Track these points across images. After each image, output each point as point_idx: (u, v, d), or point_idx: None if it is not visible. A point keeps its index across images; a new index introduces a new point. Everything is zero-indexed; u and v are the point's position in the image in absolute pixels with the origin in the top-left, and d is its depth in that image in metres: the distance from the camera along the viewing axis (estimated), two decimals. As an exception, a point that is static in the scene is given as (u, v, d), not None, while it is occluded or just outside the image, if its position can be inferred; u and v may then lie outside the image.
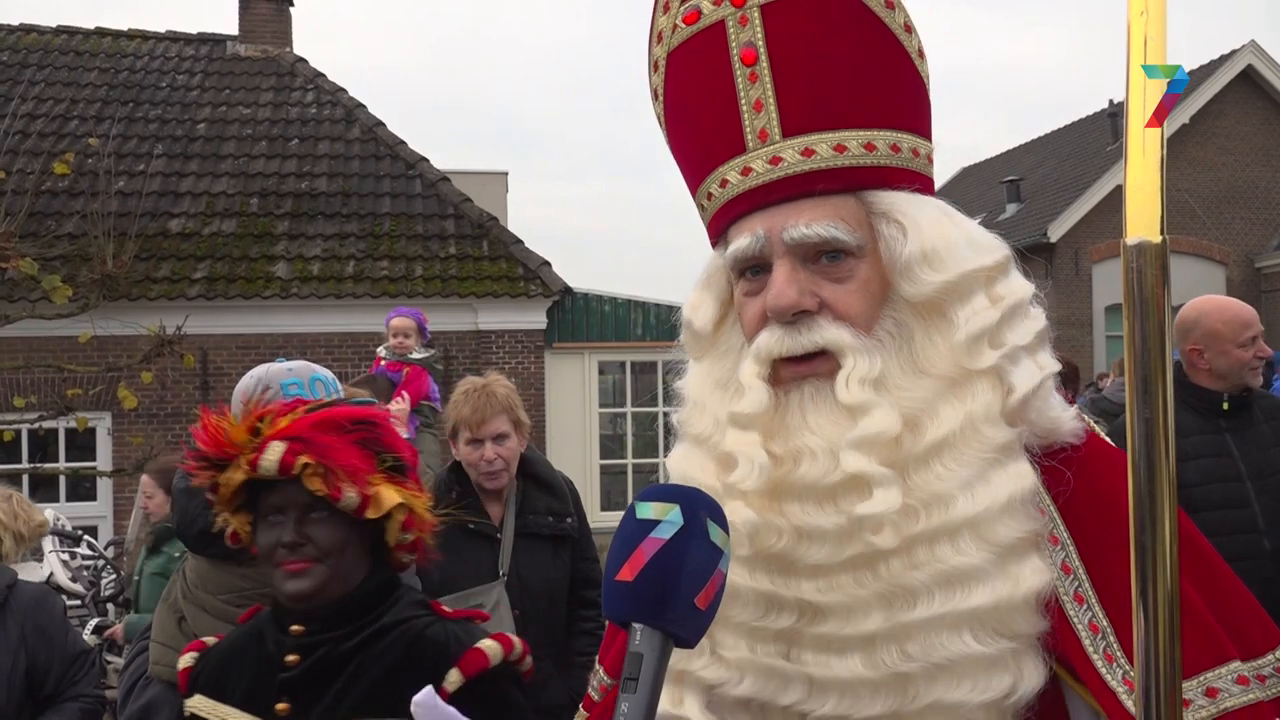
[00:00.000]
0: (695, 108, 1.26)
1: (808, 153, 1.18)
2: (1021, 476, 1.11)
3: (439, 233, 12.60)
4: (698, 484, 1.12)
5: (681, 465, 1.24)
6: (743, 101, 1.20)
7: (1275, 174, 22.59)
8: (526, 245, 12.64)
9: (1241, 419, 3.65)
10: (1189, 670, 1.03)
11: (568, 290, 12.65)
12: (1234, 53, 22.41)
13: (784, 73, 1.18)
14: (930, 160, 1.26)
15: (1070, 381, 13.06)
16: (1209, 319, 3.83)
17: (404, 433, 5.08)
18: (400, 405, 5.28)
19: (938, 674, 1.06)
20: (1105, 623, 1.08)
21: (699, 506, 0.93)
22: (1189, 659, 1.01)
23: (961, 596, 1.06)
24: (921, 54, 1.24)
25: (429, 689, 0.99)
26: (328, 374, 2.76)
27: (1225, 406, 3.68)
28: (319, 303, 11.71)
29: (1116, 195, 22.10)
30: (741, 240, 1.20)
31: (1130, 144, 0.79)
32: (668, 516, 0.92)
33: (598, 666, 1.41)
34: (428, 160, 13.47)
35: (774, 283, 1.17)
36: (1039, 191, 24.10)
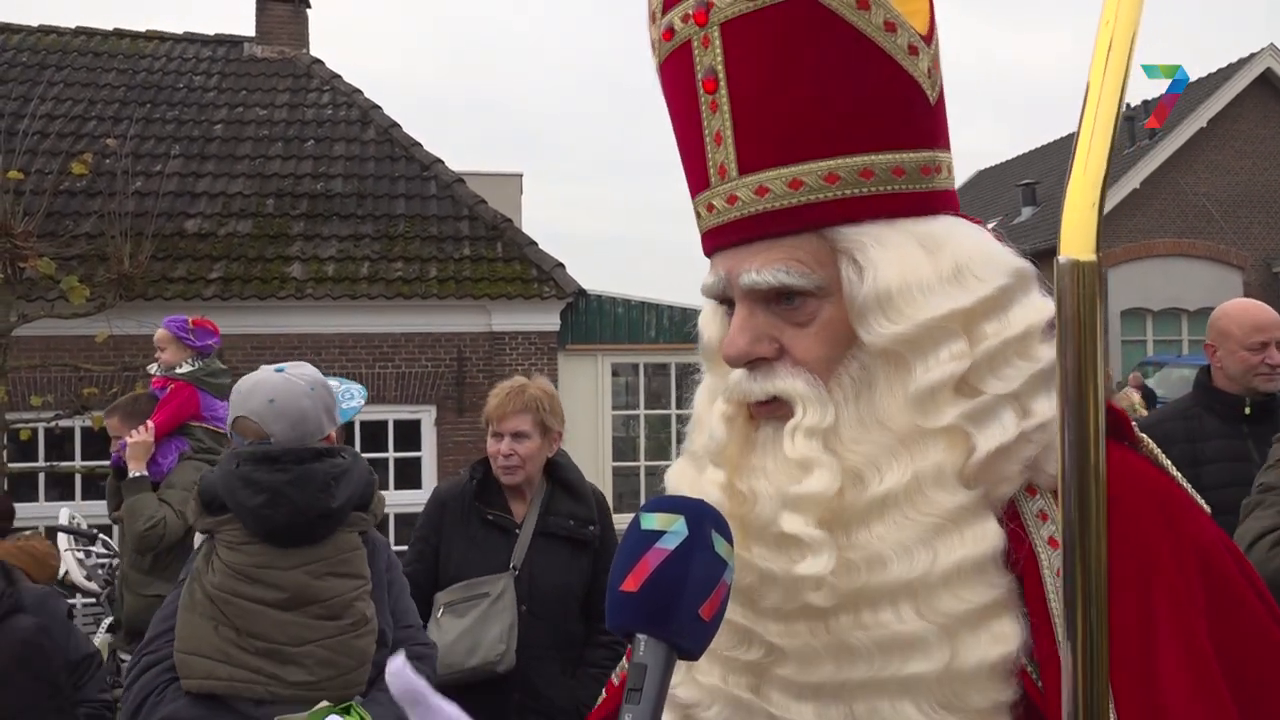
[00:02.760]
0: (678, 130, 1.20)
1: (761, 191, 1.09)
2: (978, 541, 1.03)
3: (453, 234, 12.63)
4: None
5: (677, 480, 1.22)
6: (706, 133, 1.13)
7: (1294, 178, 22.43)
8: (541, 247, 12.66)
9: (1265, 424, 3.62)
10: None
11: (581, 292, 12.66)
12: (1253, 56, 22.28)
13: (741, 102, 1.10)
14: (928, 171, 1.13)
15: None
16: (1225, 319, 3.80)
17: (136, 469, 4.79)
18: (139, 437, 4.85)
19: None
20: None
21: (704, 518, 0.93)
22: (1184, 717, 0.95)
23: (899, 664, 1.02)
24: (915, 50, 1.10)
25: (401, 656, 0.99)
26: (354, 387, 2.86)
27: (1248, 411, 3.66)
28: (334, 303, 11.75)
29: (1133, 199, 22.01)
30: (709, 278, 1.17)
31: (1075, 159, 0.77)
32: (672, 528, 0.91)
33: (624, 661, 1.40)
34: (443, 162, 13.50)
35: (730, 330, 1.13)
36: (1055, 195, 23.97)
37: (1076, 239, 0.76)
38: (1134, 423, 1.18)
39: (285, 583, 2.43)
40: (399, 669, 0.97)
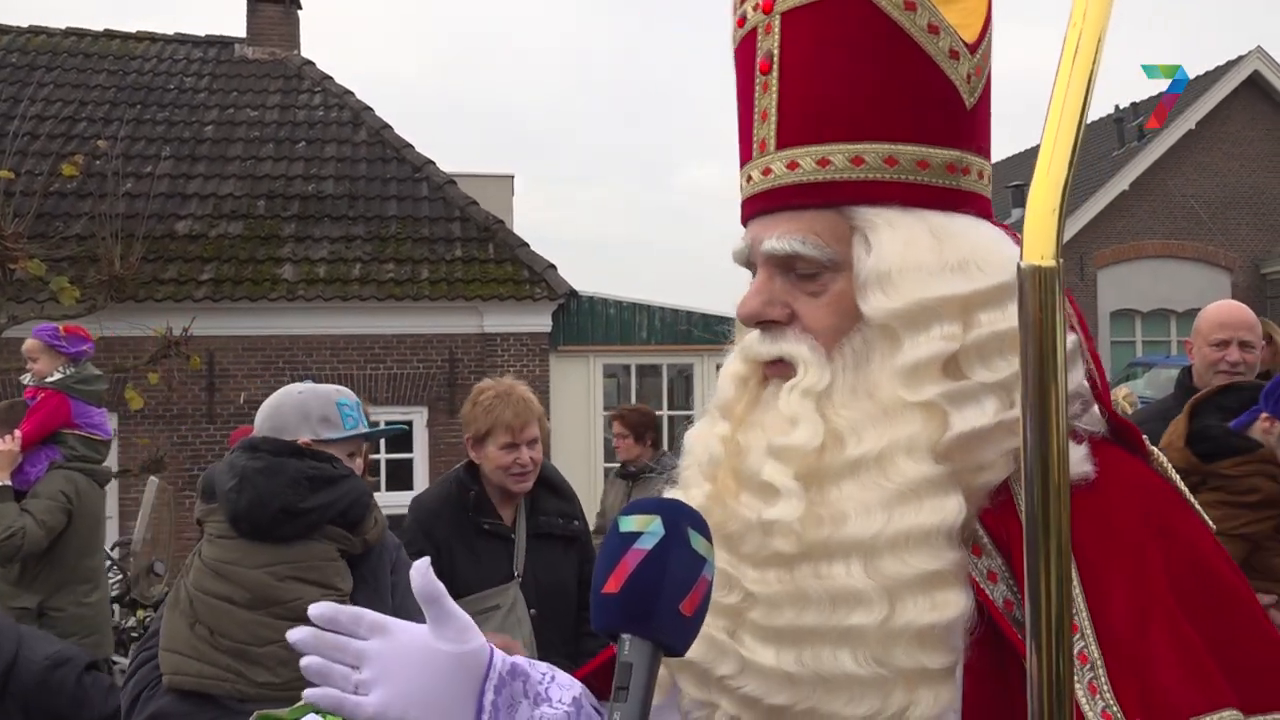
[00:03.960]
0: (738, 106, 1.29)
1: (792, 166, 1.18)
2: (935, 513, 1.08)
3: (445, 235, 12.64)
4: (694, 454, 1.23)
5: (693, 436, 1.30)
6: (756, 110, 1.22)
7: (1282, 180, 22.55)
8: (532, 248, 12.67)
9: None
10: (1179, 712, 0.98)
11: (573, 293, 12.67)
12: (1241, 58, 22.39)
13: (787, 84, 1.19)
14: (953, 169, 1.19)
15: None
16: (1200, 316, 3.94)
17: (1, 479, 4.73)
18: (3, 446, 4.79)
19: (820, 685, 1.08)
20: (1097, 654, 1.03)
21: (680, 517, 0.95)
22: (1179, 699, 0.99)
23: (844, 614, 1.07)
24: (955, 55, 1.17)
25: (426, 561, 1.07)
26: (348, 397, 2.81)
27: None
28: (325, 305, 11.74)
29: (1122, 200, 22.09)
30: (739, 243, 1.26)
31: (1039, 164, 0.78)
32: (649, 528, 0.94)
33: None
34: (434, 163, 13.51)
35: (747, 291, 1.22)
36: (1045, 196, 24.05)
37: (1037, 244, 0.76)
38: (1154, 450, 1.23)
39: (248, 581, 2.43)
40: (424, 569, 1.06)
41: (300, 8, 15.21)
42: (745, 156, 1.25)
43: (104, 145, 11.16)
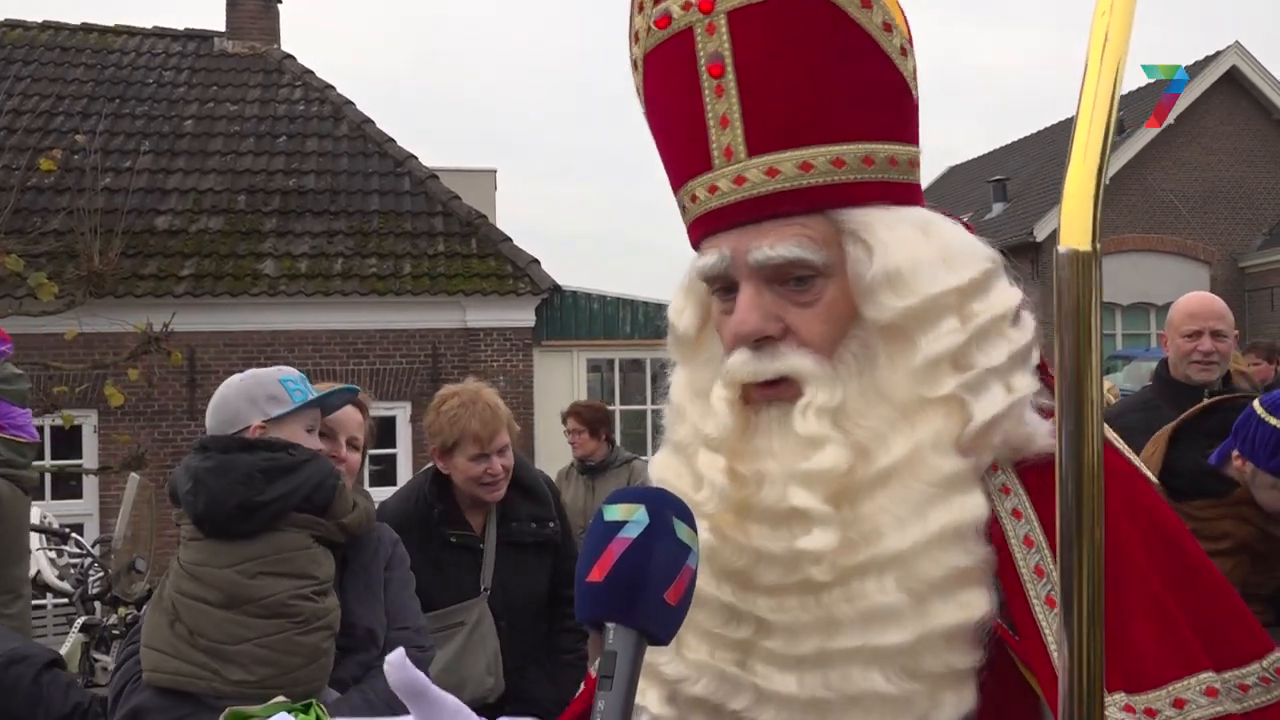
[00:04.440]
0: (669, 116, 1.23)
1: (772, 172, 1.14)
2: (965, 508, 1.09)
3: (427, 230, 12.59)
4: (675, 491, 1.12)
5: (662, 471, 1.25)
6: (710, 116, 1.16)
7: (1259, 174, 22.73)
8: (515, 243, 12.64)
9: None
10: (1158, 680, 1.02)
11: (556, 288, 12.66)
12: (1219, 54, 22.53)
13: (750, 86, 1.14)
14: (914, 165, 1.21)
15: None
16: (1172, 309, 4.00)
17: None
18: None
19: (849, 706, 1.07)
20: None
21: (665, 505, 0.95)
22: (1157, 668, 1.02)
23: (877, 633, 1.06)
24: (905, 52, 1.18)
25: (401, 650, 0.96)
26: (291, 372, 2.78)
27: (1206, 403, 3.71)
28: (307, 300, 11.68)
29: (1103, 195, 22.12)
30: (708, 258, 1.19)
31: (1074, 149, 0.78)
32: (634, 517, 0.93)
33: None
34: (416, 158, 13.45)
35: (738, 308, 1.16)
36: (1025, 191, 24.19)
37: (1075, 229, 0.76)
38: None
39: (218, 581, 2.42)
40: (399, 661, 0.95)
41: (280, 1, 15.11)
42: (698, 167, 1.19)
43: (82, 140, 11.07)
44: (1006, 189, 24.81)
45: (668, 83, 1.21)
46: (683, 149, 1.22)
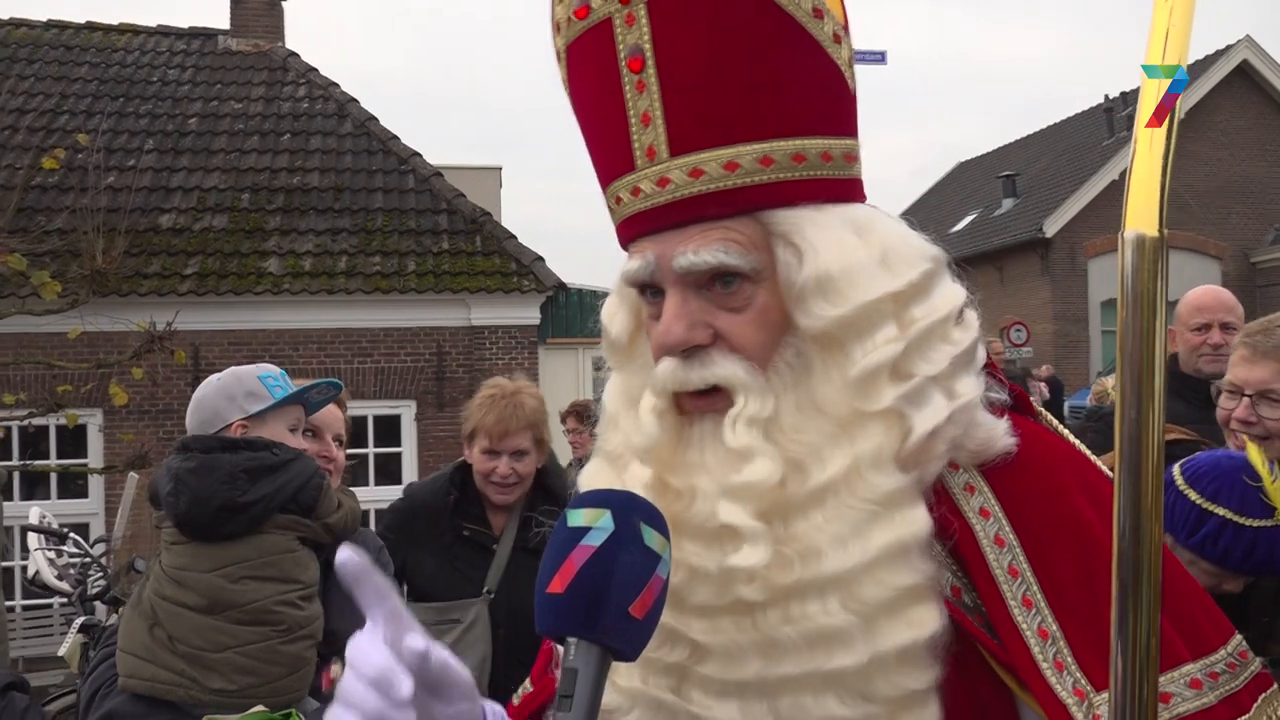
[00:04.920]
0: (591, 112, 1.16)
1: (696, 173, 1.07)
2: (906, 524, 1.03)
3: (432, 228, 12.56)
4: None
5: (593, 482, 1.18)
6: (631, 114, 1.09)
7: (1271, 168, 22.61)
8: (520, 240, 12.60)
9: None
10: None
11: (561, 286, 12.61)
12: (1230, 48, 22.41)
13: (671, 82, 1.07)
14: (850, 159, 1.14)
15: (1055, 394, 12.85)
16: (1180, 304, 4.00)
17: None
18: None
19: None
20: (1055, 628, 1.02)
21: (632, 510, 0.90)
22: None
23: (824, 657, 1.01)
24: (838, 39, 1.11)
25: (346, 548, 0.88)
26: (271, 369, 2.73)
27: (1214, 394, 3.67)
28: (311, 298, 11.66)
29: (1113, 190, 22.09)
30: (633, 262, 1.12)
31: (1138, 136, 0.75)
32: (598, 523, 0.88)
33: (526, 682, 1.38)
34: (421, 155, 13.41)
35: (663, 317, 1.09)
36: (1035, 187, 24.07)
37: (1142, 213, 0.74)
38: (1041, 410, 1.24)
39: (201, 586, 2.36)
40: (347, 556, 0.87)
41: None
42: (621, 168, 1.12)
43: (86, 139, 11.03)
44: (1016, 185, 24.70)
45: (588, 78, 1.14)
46: (606, 148, 1.15)
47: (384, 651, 0.86)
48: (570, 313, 12.95)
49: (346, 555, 0.86)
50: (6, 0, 28.38)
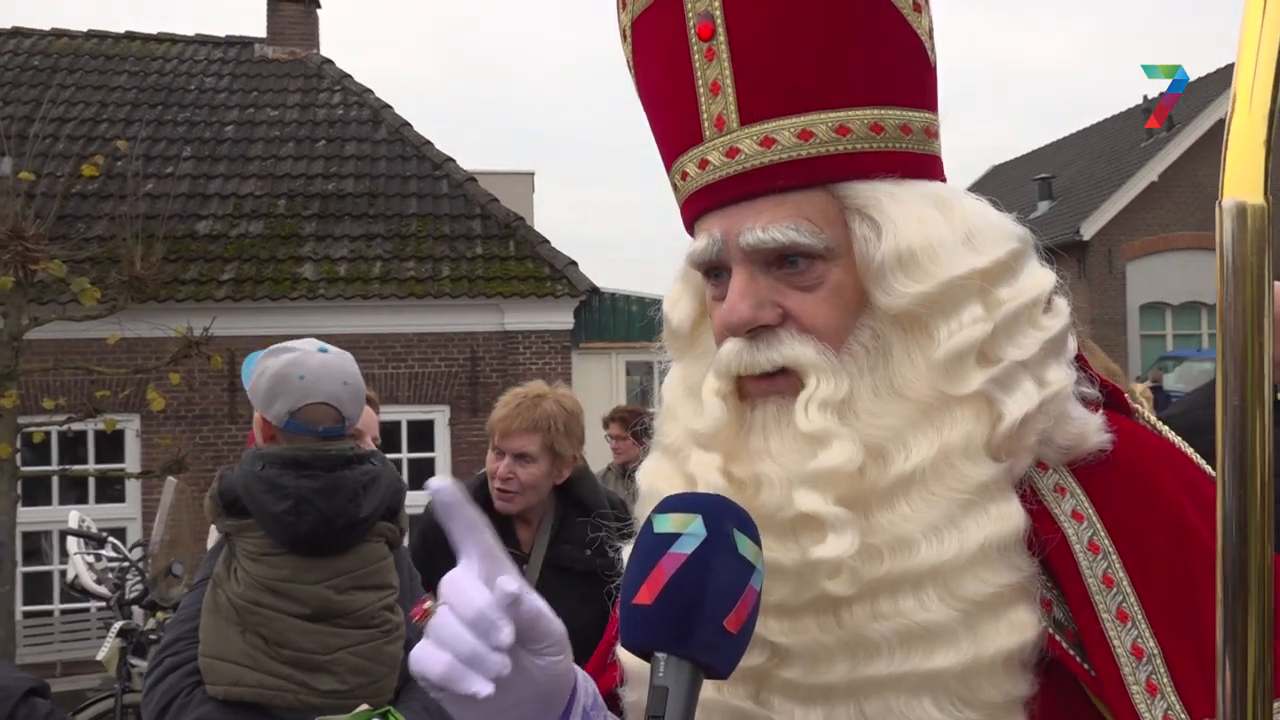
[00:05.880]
0: (657, 86, 1.11)
1: (767, 142, 1.02)
2: (1003, 519, 0.96)
3: (465, 233, 12.58)
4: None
5: (651, 478, 1.13)
6: (699, 83, 1.04)
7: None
8: (553, 245, 12.60)
9: None
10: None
11: (595, 290, 12.59)
12: None
13: (743, 48, 1.02)
14: (930, 134, 1.08)
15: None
16: (1277, 300, 3.82)
17: None
18: None
19: None
20: (1153, 645, 0.94)
21: (725, 516, 0.84)
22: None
23: (922, 657, 0.94)
24: (919, 7, 1.06)
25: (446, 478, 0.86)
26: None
27: (1278, 397, 3.58)
28: (346, 303, 11.72)
29: (1150, 192, 21.80)
30: (699, 242, 1.07)
31: (1238, 95, 0.68)
32: (689, 529, 0.82)
33: None
34: (454, 161, 13.45)
35: (729, 295, 1.03)
36: (1071, 189, 23.80)
37: (1243, 180, 0.67)
38: (1139, 407, 1.16)
39: (307, 597, 2.33)
40: (440, 484, 0.86)
41: (320, 7, 15.19)
42: (689, 140, 1.07)
43: (124, 146, 11.15)
44: (1052, 187, 24.43)
45: (656, 50, 1.10)
46: (672, 122, 1.10)
47: (484, 592, 0.83)
48: (603, 317, 12.93)
49: (441, 484, 0.83)
50: (49, 11, 28.82)
